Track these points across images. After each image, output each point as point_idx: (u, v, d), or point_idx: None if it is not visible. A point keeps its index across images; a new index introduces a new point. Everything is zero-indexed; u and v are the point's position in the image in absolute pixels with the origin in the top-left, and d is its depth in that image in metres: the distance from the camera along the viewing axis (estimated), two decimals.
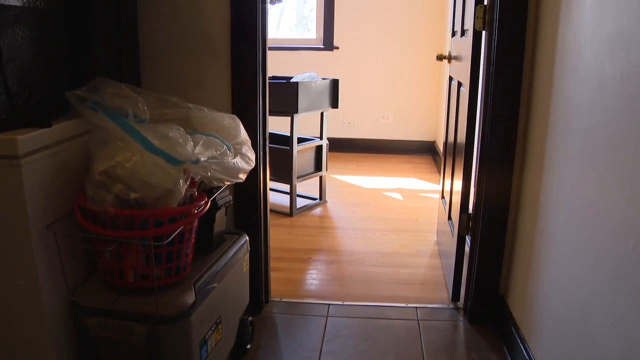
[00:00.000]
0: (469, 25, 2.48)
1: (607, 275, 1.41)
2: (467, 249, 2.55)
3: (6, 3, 1.55)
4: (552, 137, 1.91)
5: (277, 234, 3.52)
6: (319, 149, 4.14)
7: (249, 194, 2.39)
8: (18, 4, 1.59)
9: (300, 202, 4.09)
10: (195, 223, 1.77)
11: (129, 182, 1.54)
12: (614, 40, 1.43)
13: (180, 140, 1.60)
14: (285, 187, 4.01)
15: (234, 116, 1.92)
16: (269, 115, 2.45)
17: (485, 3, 2.30)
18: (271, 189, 3.18)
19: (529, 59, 2.19)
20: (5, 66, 1.55)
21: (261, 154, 2.37)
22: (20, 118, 1.61)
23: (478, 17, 2.31)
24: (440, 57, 3.20)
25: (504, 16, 2.18)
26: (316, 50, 5.84)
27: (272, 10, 5.53)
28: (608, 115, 1.45)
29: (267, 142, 2.43)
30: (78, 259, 1.79)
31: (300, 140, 3.98)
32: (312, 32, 6.03)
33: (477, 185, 2.36)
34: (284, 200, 4.03)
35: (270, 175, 2.54)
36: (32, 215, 1.56)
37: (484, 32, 2.32)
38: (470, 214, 2.49)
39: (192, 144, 1.62)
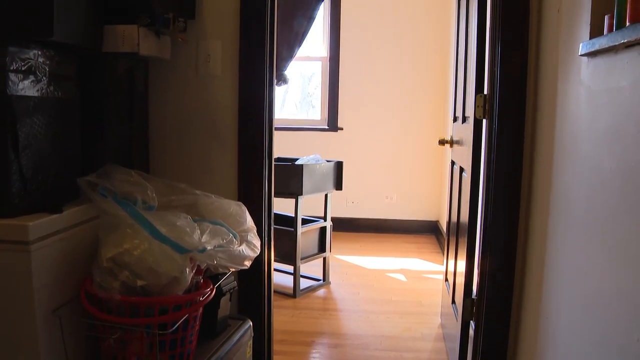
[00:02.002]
0: (470, 113, 2.56)
1: None
2: (471, 332, 2.53)
3: (25, 94, 1.62)
4: (553, 223, 1.93)
5: (281, 316, 3.49)
6: (322, 229, 4.16)
7: (253, 279, 2.40)
8: (37, 94, 1.66)
9: (304, 283, 4.07)
10: (200, 310, 1.78)
11: (136, 270, 1.56)
12: (610, 133, 1.47)
13: (188, 229, 1.63)
14: (289, 268, 4.00)
15: (240, 203, 1.96)
16: (274, 196, 2.49)
17: (485, 92, 2.37)
18: (275, 269, 3.18)
19: (528, 147, 2.24)
20: (21, 153, 1.61)
21: (266, 239, 2.39)
22: (33, 203, 1.65)
23: (478, 106, 2.38)
24: (442, 142, 3.26)
25: (503, 105, 2.24)
26: (321, 130, 5.95)
27: (277, 90, 5.68)
28: (607, 205, 1.47)
29: (272, 228, 2.45)
30: (81, 344, 1.78)
31: (305, 221, 4.01)
32: (316, 109, 6.16)
33: (480, 271, 2.37)
34: (288, 280, 4.01)
35: (274, 256, 2.56)
36: (38, 300, 1.57)
37: (484, 120, 2.39)
38: (474, 298, 2.48)
39: (199, 232, 1.65)
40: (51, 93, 1.73)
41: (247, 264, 1.83)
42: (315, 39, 5.93)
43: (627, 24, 1.29)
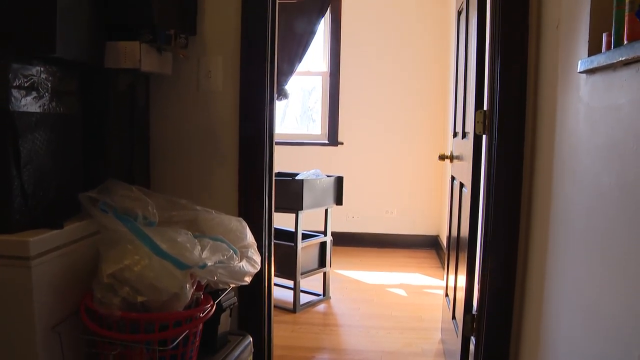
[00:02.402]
0: (470, 128, 2.56)
1: None
2: (472, 348, 2.52)
3: (28, 110, 1.62)
4: (553, 238, 1.93)
5: (280, 331, 3.48)
6: (323, 244, 4.15)
7: (253, 295, 2.40)
8: (39, 110, 1.67)
9: (304, 298, 4.05)
10: (200, 326, 1.77)
11: (137, 286, 1.57)
12: (608, 149, 1.48)
13: (188, 245, 1.63)
14: (289, 283, 3.99)
15: (241, 219, 1.96)
16: (274, 211, 2.49)
17: (485, 108, 2.38)
18: (275, 284, 3.18)
19: (528, 162, 2.24)
20: (22, 169, 1.61)
21: (266, 254, 2.39)
22: (34, 218, 1.65)
23: (478, 122, 2.39)
24: (442, 157, 3.27)
25: (503, 121, 2.25)
26: (321, 145, 5.97)
27: (278, 104, 5.68)
28: (606, 219, 1.48)
29: (272, 243, 2.45)
30: None
31: (305, 236, 4.00)
32: (316, 123, 6.17)
33: (481, 287, 2.37)
34: (288, 295, 4.00)
35: (274, 270, 2.55)
36: (38, 316, 1.57)
37: (484, 136, 2.39)
38: (474, 314, 2.48)
39: (199, 248, 1.66)
40: (53, 109, 1.74)
41: (248, 279, 1.83)
42: (316, 54, 5.96)
43: (625, 42, 1.30)
